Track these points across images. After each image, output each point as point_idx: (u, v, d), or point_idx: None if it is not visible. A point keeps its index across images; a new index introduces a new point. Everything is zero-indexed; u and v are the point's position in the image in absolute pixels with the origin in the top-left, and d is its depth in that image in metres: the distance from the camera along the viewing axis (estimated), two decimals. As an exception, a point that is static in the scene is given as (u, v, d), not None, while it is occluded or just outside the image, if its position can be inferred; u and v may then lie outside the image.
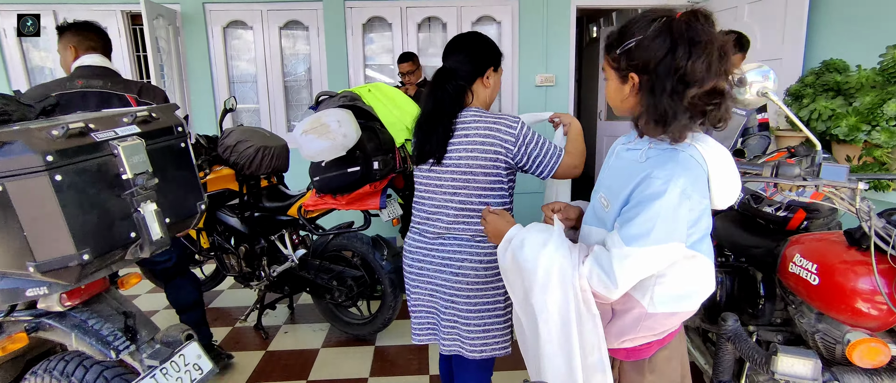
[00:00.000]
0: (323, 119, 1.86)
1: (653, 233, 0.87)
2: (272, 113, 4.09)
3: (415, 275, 1.48)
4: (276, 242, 2.61)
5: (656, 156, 0.94)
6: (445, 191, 1.39)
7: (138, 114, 1.07)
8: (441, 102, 1.35)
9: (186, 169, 1.16)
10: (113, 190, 0.99)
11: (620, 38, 0.95)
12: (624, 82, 0.96)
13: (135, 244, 1.04)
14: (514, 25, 4.01)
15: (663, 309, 0.96)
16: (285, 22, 3.95)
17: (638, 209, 0.90)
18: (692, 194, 0.88)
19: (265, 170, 2.55)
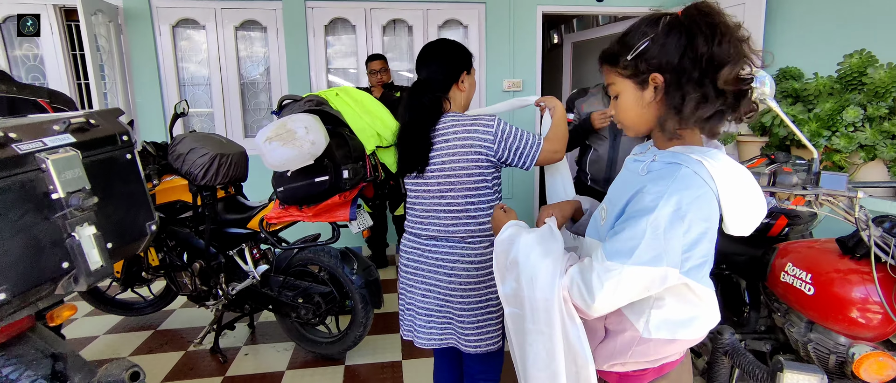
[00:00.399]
0: (289, 125, 1.71)
1: (636, 252, 0.81)
2: (228, 118, 3.84)
3: (410, 275, 1.51)
4: (235, 258, 2.41)
5: (658, 170, 0.87)
6: (433, 196, 1.43)
7: (73, 121, 0.90)
8: (419, 114, 1.38)
9: (133, 183, 1.00)
10: (40, 212, 0.83)
11: (626, 45, 0.89)
12: (644, 87, 0.89)
13: (68, 276, 0.87)
14: (480, 30, 3.96)
15: (659, 335, 0.89)
16: (241, 21, 3.73)
17: (625, 224, 0.85)
18: (686, 214, 0.80)
19: (222, 179, 2.36)
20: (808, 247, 1.25)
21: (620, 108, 0.93)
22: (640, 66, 0.87)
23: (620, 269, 0.82)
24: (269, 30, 3.76)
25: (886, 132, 2.17)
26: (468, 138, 1.35)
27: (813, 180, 1.06)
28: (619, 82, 0.91)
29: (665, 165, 0.87)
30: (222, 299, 2.43)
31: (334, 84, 3.99)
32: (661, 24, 0.86)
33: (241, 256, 2.42)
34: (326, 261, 2.31)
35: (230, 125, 3.85)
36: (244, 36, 3.83)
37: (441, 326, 1.49)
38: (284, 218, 2.12)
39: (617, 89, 0.92)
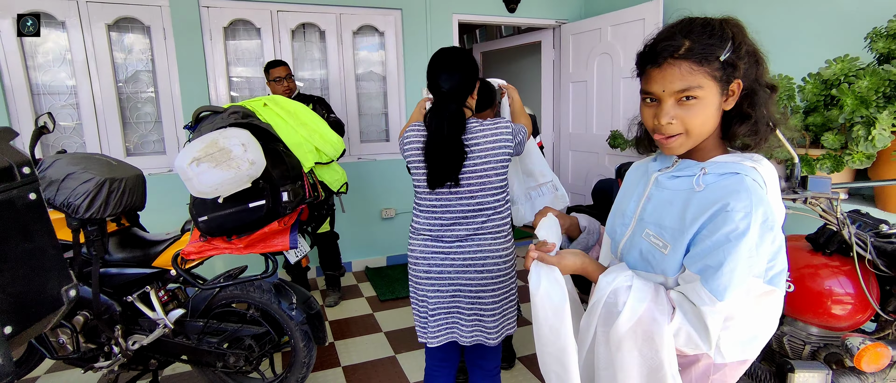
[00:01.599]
0: (221, 142, 1.42)
1: (738, 279, 0.76)
2: (102, 133, 3.21)
3: (435, 278, 1.53)
4: (137, 304, 1.97)
5: (716, 183, 0.81)
6: (462, 198, 1.48)
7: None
8: (454, 127, 1.40)
9: (40, 234, 0.70)
10: None
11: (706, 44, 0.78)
12: (725, 94, 0.81)
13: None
14: (397, 37, 3.83)
15: (733, 357, 0.84)
16: (115, 19, 3.14)
17: (720, 252, 0.77)
18: (774, 224, 0.78)
19: (113, 210, 1.91)
20: (780, 245, 1.32)
21: (703, 114, 0.80)
22: (729, 70, 0.79)
23: (729, 305, 0.76)
24: (154, 30, 3.22)
25: (779, 134, 2.46)
26: (496, 141, 1.45)
27: (796, 184, 1.12)
28: (708, 85, 0.79)
29: (723, 177, 0.81)
30: (119, 358, 1.97)
31: (239, 96, 3.55)
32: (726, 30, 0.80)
33: (144, 301, 1.99)
34: (258, 297, 1.99)
35: (106, 142, 3.22)
36: (120, 37, 3.23)
37: (469, 324, 1.55)
38: (207, 251, 1.79)
39: (702, 93, 0.79)
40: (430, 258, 1.53)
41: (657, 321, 0.81)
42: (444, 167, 1.40)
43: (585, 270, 0.94)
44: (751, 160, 0.83)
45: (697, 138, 0.83)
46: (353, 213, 3.71)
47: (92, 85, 3.14)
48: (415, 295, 1.61)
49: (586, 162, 4.13)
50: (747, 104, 0.81)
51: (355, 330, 2.88)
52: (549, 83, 4.45)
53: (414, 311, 1.63)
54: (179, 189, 3.23)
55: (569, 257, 0.94)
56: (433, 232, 1.52)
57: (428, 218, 1.53)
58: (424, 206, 1.54)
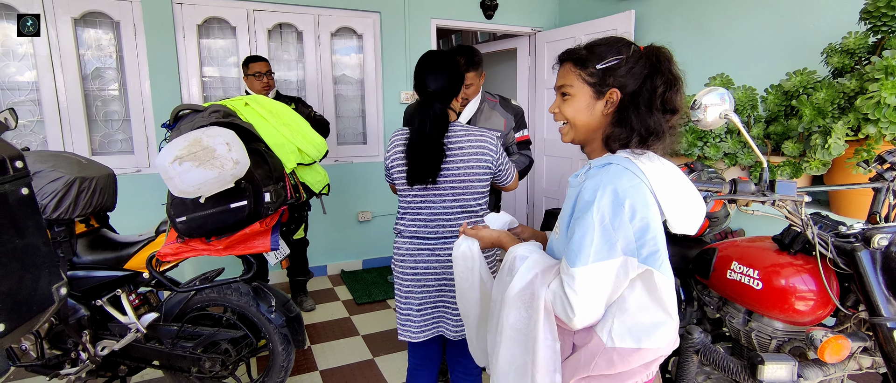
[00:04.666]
0: (205, 141, 1.40)
1: (592, 248, 0.86)
2: (67, 131, 3.08)
3: (421, 274, 1.58)
4: (106, 307, 1.90)
5: (593, 174, 0.94)
6: (445, 199, 1.54)
7: (-66, 142, 0.57)
8: (436, 127, 1.45)
9: (31, 231, 0.68)
10: None
11: (596, 55, 0.96)
12: (599, 98, 0.97)
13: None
14: (376, 40, 3.83)
15: (622, 343, 0.91)
16: (82, 13, 3.03)
17: (574, 226, 0.90)
18: (625, 200, 0.86)
19: (83, 210, 1.85)
20: (748, 246, 1.40)
21: (573, 108, 0.99)
22: (607, 79, 0.94)
23: (583, 271, 0.85)
24: (123, 26, 3.12)
25: (743, 143, 2.60)
26: (481, 148, 1.52)
27: (765, 188, 1.19)
28: (577, 85, 0.97)
29: (600, 167, 0.94)
30: (86, 364, 1.90)
31: (212, 95, 3.47)
32: (632, 50, 0.95)
33: (114, 305, 1.92)
34: (235, 299, 1.96)
35: (70, 141, 3.09)
36: (88, 32, 3.12)
37: (456, 318, 1.59)
38: (184, 253, 1.74)
39: (573, 91, 0.98)
40: (415, 255, 1.57)
41: (539, 287, 0.93)
42: (423, 164, 1.45)
43: (500, 242, 1.15)
44: (630, 153, 0.94)
45: (579, 129, 0.99)
46: (329, 216, 3.68)
47: (55, 80, 3.01)
48: (399, 293, 1.63)
49: (560, 167, 4.23)
50: (627, 114, 0.94)
51: (332, 334, 2.85)
52: (524, 89, 4.53)
53: (398, 311, 1.65)
54: (148, 190, 3.14)
55: (486, 232, 1.18)
56: (417, 231, 1.57)
57: (413, 219, 1.58)
58: (409, 207, 1.58)
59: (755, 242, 1.41)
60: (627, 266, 0.86)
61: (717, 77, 2.77)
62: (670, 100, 0.93)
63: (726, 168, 2.73)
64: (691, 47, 3.14)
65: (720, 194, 1.24)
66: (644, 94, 0.93)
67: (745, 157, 2.60)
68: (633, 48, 0.96)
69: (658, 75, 0.93)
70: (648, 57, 0.95)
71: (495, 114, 2.26)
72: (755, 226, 2.46)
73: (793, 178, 2.17)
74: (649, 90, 0.93)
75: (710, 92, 1.19)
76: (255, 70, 2.92)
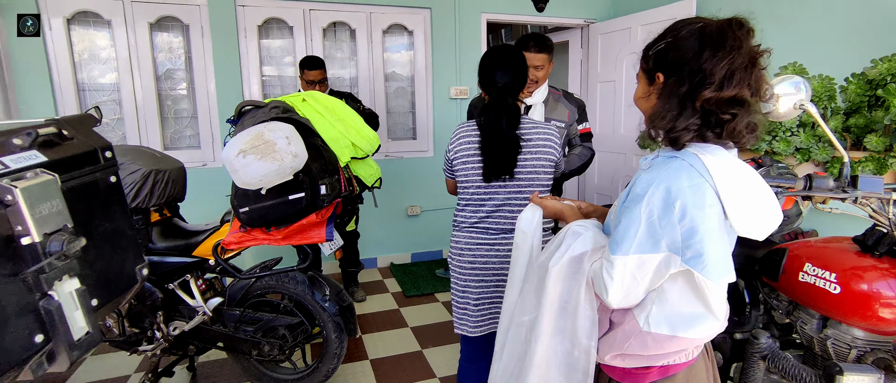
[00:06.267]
0: (267, 135, 1.47)
1: (634, 241, 0.87)
2: (143, 128, 3.33)
3: (479, 268, 1.58)
4: (177, 291, 2.04)
5: (655, 166, 0.92)
6: (510, 191, 1.53)
7: (40, 132, 0.64)
8: (510, 122, 1.46)
9: (119, 215, 0.74)
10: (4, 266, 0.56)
11: (654, 42, 0.96)
12: (651, 83, 0.96)
13: (41, 352, 0.61)
14: (426, 36, 3.86)
15: (657, 329, 0.92)
16: (157, 18, 3.25)
17: (621, 215, 0.91)
18: (676, 201, 0.84)
19: (157, 200, 2.00)
20: (824, 246, 1.30)
21: (635, 94, 1.01)
22: (651, 63, 0.94)
23: (623, 260, 0.87)
24: (192, 28, 3.33)
25: (818, 136, 2.41)
26: (549, 139, 1.54)
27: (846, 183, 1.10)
28: (639, 73, 0.99)
29: (665, 159, 0.92)
30: (161, 342, 2.05)
31: (271, 93, 3.63)
32: (686, 29, 0.90)
33: (184, 289, 2.06)
34: (292, 287, 2.05)
35: (145, 136, 3.33)
36: (162, 35, 3.35)
37: None
38: (246, 242, 1.84)
39: (638, 79, 1.00)
40: (474, 250, 1.57)
41: (585, 262, 0.98)
42: (500, 159, 1.46)
43: (562, 213, 1.18)
44: (700, 148, 0.88)
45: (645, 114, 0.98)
46: (379, 210, 3.76)
47: (133, 81, 3.26)
48: (456, 286, 1.65)
49: (613, 163, 4.10)
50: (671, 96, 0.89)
51: (382, 325, 2.92)
52: (576, 83, 4.42)
53: (455, 304, 1.66)
54: (212, 182, 3.34)
55: (551, 202, 1.22)
56: (480, 224, 1.57)
57: (475, 210, 1.58)
58: (473, 200, 1.58)
59: (831, 243, 1.30)
60: (670, 262, 0.87)
61: (790, 66, 2.58)
62: (711, 74, 0.84)
63: (798, 164, 2.55)
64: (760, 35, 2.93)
65: (793, 190, 1.16)
66: (683, 74, 0.87)
67: (820, 153, 2.42)
68: (689, 27, 0.89)
69: (707, 50, 0.85)
70: (702, 33, 0.86)
71: (560, 106, 2.28)
72: (829, 227, 2.28)
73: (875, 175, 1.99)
74: (690, 70, 0.86)
75: (784, 80, 1.12)
76: (310, 78, 3.00)
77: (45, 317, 0.60)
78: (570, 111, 2.27)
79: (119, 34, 3.19)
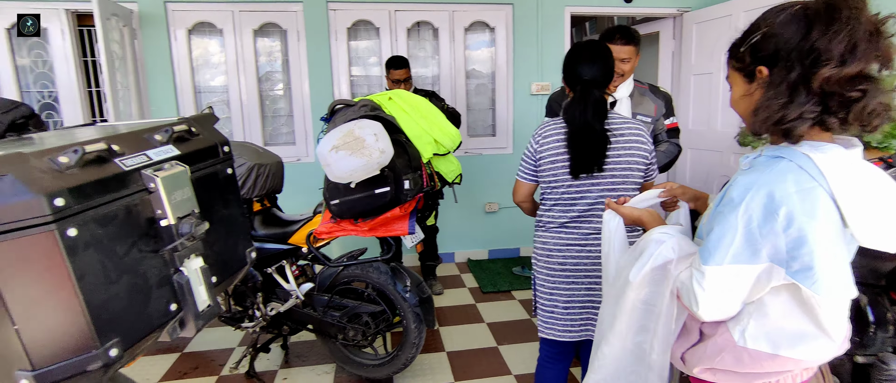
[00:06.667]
0: (357, 132, 1.56)
1: (729, 250, 0.80)
2: (246, 125, 3.67)
3: (569, 271, 1.54)
4: (275, 275, 2.23)
5: (755, 167, 0.84)
6: (603, 190, 1.48)
7: (175, 129, 0.74)
8: (597, 114, 1.43)
9: (233, 203, 0.84)
10: (147, 244, 0.66)
11: (745, 36, 0.88)
12: (751, 81, 0.87)
13: (175, 320, 0.71)
14: (508, 32, 3.84)
15: (755, 346, 0.84)
16: (260, 25, 3.56)
17: (714, 221, 0.84)
18: (780, 208, 0.76)
19: (259, 191, 2.19)
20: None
21: (733, 99, 0.93)
22: (747, 59, 0.86)
23: (716, 271, 0.81)
24: (289, 33, 3.60)
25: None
26: (640, 135, 1.49)
27: None
28: (731, 74, 0.92)
29: (768, 159, 0.84)
30: (259, 321, 2.25)
31: (358, 92, 3.82)
32: (783, 14, 0.81)
33: (280, 274, 2.24)
34: (376, 277, 2.15)
35: (249, 133, 3.67)
36: (263, 40, 3.66)
37: None
38: (336, 232, 1.96)
39: (730, 81, 0.93)
40: (564, 251, 1.52)
41: (671, 271, 0.92)
42: (588, 153, 1.43)
43: (641, 220, 1.09)
44: (812, 147, 0.79)
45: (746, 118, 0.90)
46: (458, 206, 3.81)
47: (239, 83, 3.60)
48: (543, 290, 1.60)
49: (708, 161, 3.80)
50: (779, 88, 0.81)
51: (459, 319, 2.97)
52: (666, 76, 4.15)
53: (541, 307, 1.61)
54: (306, 176, 3.59)
55: (628, 209, 1.13)
56: (570, 224, 1.52)
57: (565, 210, 1.52)
58: (562, 200, 1.53)
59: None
60: (771, 273, 0.80)
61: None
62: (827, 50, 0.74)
63: (941, 165, 2.19)
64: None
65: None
66: (791, 59, 0.78)
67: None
68: (787, 11, 0.80)
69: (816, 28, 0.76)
70: (806, 12, 0.78)
71: (646, 100, 2.19)
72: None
73: None
74: (798, 53, 0.77)
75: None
76: (396, 77, 3.11)
77: (177, 290, 0.70)
78: (657, 105, 2.17)
79: (228, 41, 3.53)
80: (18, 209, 0.53)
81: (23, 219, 0.53)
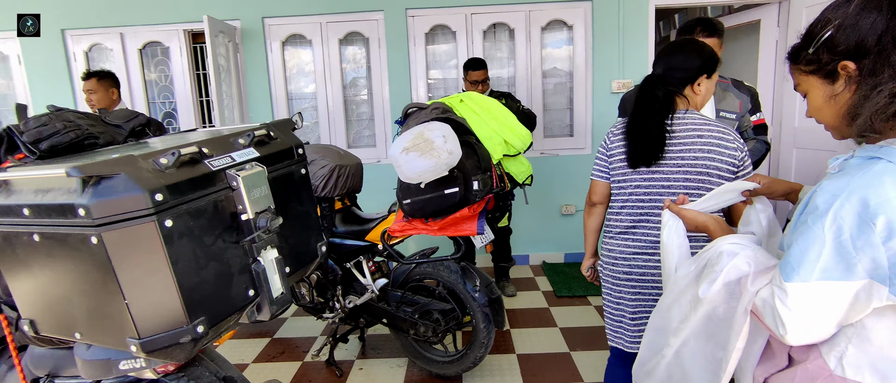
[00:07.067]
0: (426, 134, 1.61)
1: (816, 264, 0.72)
2: (332, 129, 3.92)
3: (636, 280, 1.48)
4: (353, 270, 2.37)
5: (849, 167, 0.76)
6: (673, 191, 1.41)
7: (256, 134, 0.83)
8: (651, 106, 1.39)
9: (306, 201, 0.92)
10: (230, 235, 0.76)
11: (807, 38, 0.82)
12: (833, 81, 0.79)
13: (252, 304, 0.80)
14: (586, 29, 3.72)
15: (857, 376, 0.75)
16: (345, 34, 3.79)
17: (795, 233, 0.77)
18: (877, 216, 0.68)
19: (340, 191, 2.34)
20: None
21: (811, 108, 0.86)
22: (824, 58, 0.79)
23: (801, 288, 0.73)
24: (371, 41, 3.78)
25: None
26: (724, 139, 1.39)
27: None
28: (803, 81, 0.84)
29: (862, 161, 0.75)
30: (339, 312, 2.40)
31: (435, 95, 3.92)
32: (853, 4, 0.76)
33: (358, 269, 2.37)
34: (446, 276, 2.20)
35: (334, 136, 3.92)
36: (347, 48, 3.89)
37: None
38: (408, 231, 2.04)
39: (803, 88, 0.86)
40: (630, 259, 1.47)
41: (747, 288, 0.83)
42: (642, 144, 1.40)
43: (706, 227, 1.01)
44: None
45: (838, 126, 0.83)
46: (533, 208, 3.76)
47: (326, 90, 3.85)
48: (610, 298, 1.56)
49: (815, 161, 3.39)
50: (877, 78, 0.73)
51: (531, 322, 2.93)
52: (768, 68, 3.77)
53: (608, 315, 1.58)
54: (384, 177, 3.75)
55: (692, 214, 1.04)
56: (634, 229, 1.47)
57: (630, 213, 1.48)
58: (628, 201, 1.48)
59: None
60: (871, 292, 0.70)
61: None
62: None
63: None
64: None
65: None
66: (884, 45, 0.72)
67: None
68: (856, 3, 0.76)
69: None
70: None
71: (730, 95, 2.04)
72: None
73: None
74: (892, 36, 0.72)
75: None
76: (473, 78, 3.16)
77: (254, 277, 0.79)
78: (742, 101, 2.01)
79: (317, 51, 3.80)
80: (128, 202, 0.63)
81: (131, 211, 0.64)
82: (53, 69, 3.78)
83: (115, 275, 0.65)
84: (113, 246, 0.64)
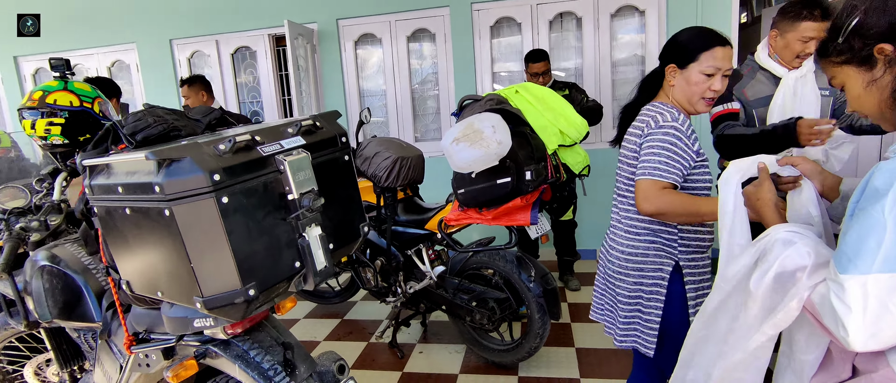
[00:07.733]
0: (476, 125, 1.65)
1: (877, 253, 0.64)
2: (400, 123, 4.08)
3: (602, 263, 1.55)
4: (413, 257, 2.48)
5: None
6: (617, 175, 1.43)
7: (303, 124, 0.94)
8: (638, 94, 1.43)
9: (350, 186, 1.01)
10: (278, 213, 0.86)
11: (835, 30, 0.80)
12: (870, 66, 0.76)
13: (299, 275, 0.90)
14: (661, 15, 3.52)
15: None
16: (413, 31, 3.91)
17: (852, 220, 0.69)
18: None
19: (402, 181, 2.44)
20: None
21: (851, 99, 0.82)
22: (856, 44, 0.76)
23: (860, 281, 0.65)
24: (438, 36, 3.87)
25: None
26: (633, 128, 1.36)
27: None
28: (838, 73, 0.81)
29: None
30: (400, 297, 2.52)
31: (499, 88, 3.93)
32: None
33: (418, 256, 2.48)
34: (502, 265, 2.23)
35: (402, 130, 4.07)
36: (415, 45, 4.02)
37: None
38: (463, 220, 2.09)
39: (839, 80, 0.82)
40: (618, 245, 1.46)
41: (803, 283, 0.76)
42: None
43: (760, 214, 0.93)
44: None
45: (884, 114, 0.78)
46: (600, 201, 3.64)
47: (395, 86, 4.01)
48: None
49: None
50: None
51: (593, 317, 2.86)
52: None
53: None
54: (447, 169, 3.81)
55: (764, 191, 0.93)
56: None
57: None
58: None
59: None
60: None
61: None
62: None
63: None
64: None
65: None
66: None
67: None
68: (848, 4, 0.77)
69: None
70: None
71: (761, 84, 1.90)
72: None
73: None
74: None
75: None
76: (534, 70, 3.13)
77: (300, 251, 0.89)
78: None
79: (386, 49, 3.97)
80: (192, 182, 0.76)
81: (195, 189, 0.76)
82: (164, 74, 4.31)
83: (183, 242, 0.78)
84: (181, 217, 0.77)
